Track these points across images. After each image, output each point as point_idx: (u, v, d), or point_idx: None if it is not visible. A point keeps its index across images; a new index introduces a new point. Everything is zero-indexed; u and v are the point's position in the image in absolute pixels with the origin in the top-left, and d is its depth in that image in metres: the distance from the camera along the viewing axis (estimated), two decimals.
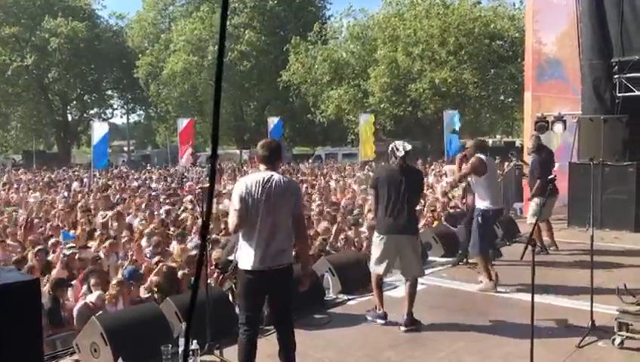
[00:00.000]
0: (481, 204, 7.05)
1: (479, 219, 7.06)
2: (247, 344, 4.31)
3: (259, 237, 4.23)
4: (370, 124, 25.00)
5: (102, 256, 7.92)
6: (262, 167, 4.47)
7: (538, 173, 8.98)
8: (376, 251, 5.97)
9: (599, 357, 4.99)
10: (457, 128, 22.97)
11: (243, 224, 4.28)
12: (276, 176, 4.36)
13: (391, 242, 5.82)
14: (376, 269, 5.98)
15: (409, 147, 5.91)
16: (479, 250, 7.06)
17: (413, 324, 5.78)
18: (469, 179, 7.32)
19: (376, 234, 6.04)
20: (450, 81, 29.53)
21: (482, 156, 7.06)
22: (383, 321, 5.92)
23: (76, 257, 7.65)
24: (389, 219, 5.78)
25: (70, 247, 8.09)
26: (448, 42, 29.56)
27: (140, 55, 41.45)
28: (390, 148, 5.98)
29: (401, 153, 5.82)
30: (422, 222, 11.23)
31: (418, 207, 11.61)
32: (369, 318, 6.00)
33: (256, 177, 4.39)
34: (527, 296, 5.16)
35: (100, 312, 5.73)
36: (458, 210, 11.75)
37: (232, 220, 4.38)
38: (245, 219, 4.26)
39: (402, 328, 5.76)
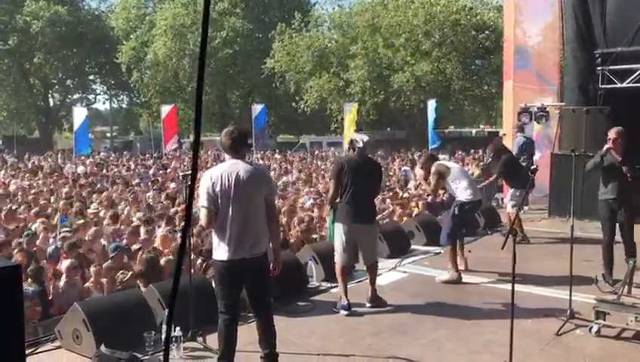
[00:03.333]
0: (461, 196, 7.18)
1: (455, 209, 7.22)
2: (226, 331, 4.33)
3: (231, 228, 4.21)
4: (354, 113, 24.98)
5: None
6: (227, 156, 4.43)
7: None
8: (337, 241, 6.13)
9: (577, 344, 5.08)
10: (433, 119, 22.95)
11: (213, 220, 4.26)
12: (242, 165, 4.31)
13: (351, 231, 6.02)
14: (339, 260, 6.12)
15: (367, 138, 6.15)
16: (448, 240, 7.19)
17: (375, 301, 6.09)
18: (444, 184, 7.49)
19: (336, 224, 6.17)
20: (435, 74, 29.48)
21: (438, 162, 7.44)
22: (346, 312, 5.96)
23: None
24: (348, 208, 5.98)
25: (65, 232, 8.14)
26: (433, 33, 29.45)
27: (122, 40, 40.88)
28: (350, 140, 6.30)
29: (360, 144, 6.07)
30: (398, 212, 11.32)
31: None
32: (334, 309, 6.05)
33: (221, 169, 4.35)
34: (507, 285, 5.24)
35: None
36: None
37: (202, 217, 4.34)
38: (215, 215, 4.24)
39: (367, 304, 6.08)
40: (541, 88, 13.59)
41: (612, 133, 7.24)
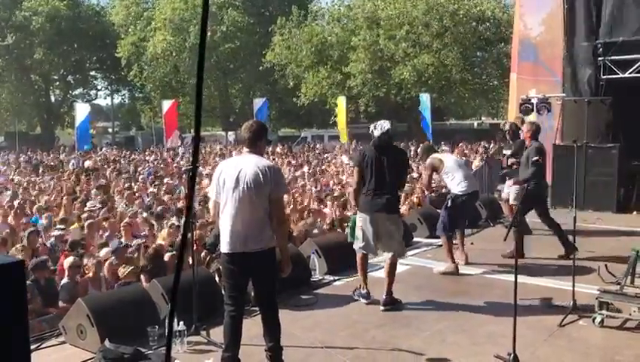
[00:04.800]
0: (455, 188, 7.17)
1: (449, 202, 7.21)
2: (232, 324, 4.34)
3: (231, 221, 4.23)
4: (342, 107, 24.90)
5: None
6: (245, 149, 4.44)
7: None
8: (359, 231, 6.02)
9: (580, 335, 5.08)
10: (427, 111, 22.89)
11: (218, 212, 4.34)
12: (253, 159, 4.30)
13: (373, 221, 5.87)
14: (359, 249, 6.06)
15: (387, 126, 5.90)
16: (443, 231, 7.20)
17: (392, 303, 5.89)
18: (440, 176, 7.47)
19: (359, 213, 6.07)
20: (436, 66, 29.32)
21: (432, 155, 7.41)
22: (365, 300, 5.99)
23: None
24: (371, 198, 5.85)
25: (59, 229, 8.15)
26: (432, 24, 29.26)
27: (122, 35, 40.81)
28: (370, 129, 6.06)
29: (378, 132, 5.87)
30: (406, 206, 11.32)
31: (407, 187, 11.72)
32: (355, 297, 6.08)
33: (232, 162, 4.42)
34: (509, 277, 5.24)
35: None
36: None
37: (210, 208, 4.51)
38: (220, 206, 4.31)
39: (381, 307, 5.87)
40: (545, 80, 13.58)
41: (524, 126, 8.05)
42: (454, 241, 7.44)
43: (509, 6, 29.88)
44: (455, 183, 7.14)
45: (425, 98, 23.50)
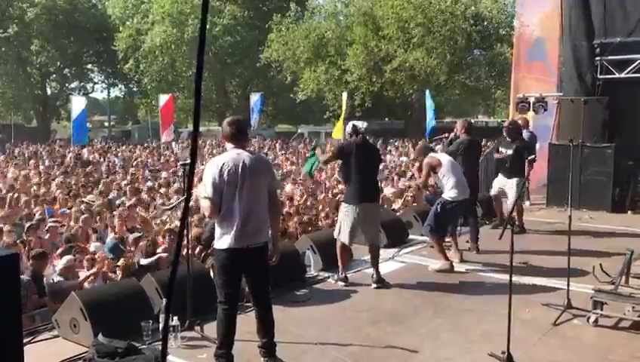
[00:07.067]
0: (446, 193, 7.14)
1: (438, 207, 7.15)
2: (225, 320, 4.33)
3: (235, 217, 4.21)
4: (345, 103, 24.81)
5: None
6: (229, 145, 4.40)
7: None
8: (345, 220, 6.41)
9: (574, 334, 5.09)
10: (432, 108, 22.87)
11: (217, 211, 4.23)
12: (246, 155, 4.32)
13: (360, 211, 6.32)
14: (343, 238, 6.45)
15: (366, 124, 6.63)
16: (430, 232, 7.21)
17: (382, 281, 6.44)
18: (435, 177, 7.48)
19: (344, 205, 6.52)
20: (429, 66, 29.16)
21: (431, 154, 7.49)
22: (343, 283, 6.39)
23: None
24: (359, 189, 6.33)
25: (54, 222, 8.13)
26: (417, 19, 29.02)
27: (120, 28, 40.59)
28: (351, 126, 6.57)
29: (362, 130, 6.47)
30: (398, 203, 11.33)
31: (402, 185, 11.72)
32: (332, 281, 6.42)
33: (226, 158, 4.31)
34: (505, 275, 5.26)
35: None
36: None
37: (206, 206, 4.30)
38: (219, 204, 4.21)
39: (373, 285, 6.39)
40: (546, 79, 13.64)
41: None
42: (447, 240, 7.45)
43: (509, 6, 29.79)
44: (447, 188, 7.12)
45: (427, 94, 23.50)
